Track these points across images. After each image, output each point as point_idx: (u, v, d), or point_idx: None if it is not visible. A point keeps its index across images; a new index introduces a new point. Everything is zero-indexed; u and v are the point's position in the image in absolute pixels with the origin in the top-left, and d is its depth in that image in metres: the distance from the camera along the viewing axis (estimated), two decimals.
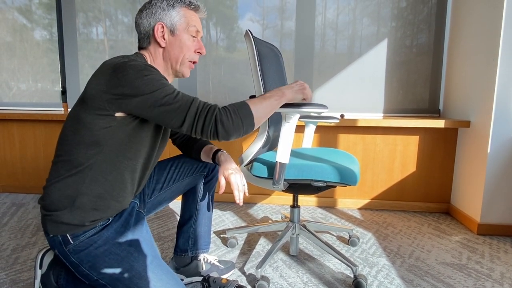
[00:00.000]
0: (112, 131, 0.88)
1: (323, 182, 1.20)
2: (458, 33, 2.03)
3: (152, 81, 0.85)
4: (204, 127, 0.87)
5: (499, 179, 1.72)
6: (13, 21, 2.47)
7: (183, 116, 0.86)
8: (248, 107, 0.92)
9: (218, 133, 0.88)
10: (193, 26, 1.01)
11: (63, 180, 0.90)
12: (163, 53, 1.01)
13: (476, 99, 1.82)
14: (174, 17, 0.99)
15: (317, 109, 1.09)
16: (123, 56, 0.91)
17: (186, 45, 1.00)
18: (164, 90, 0.86)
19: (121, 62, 0.86)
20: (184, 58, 1.01)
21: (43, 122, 2.37)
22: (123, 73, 0.83)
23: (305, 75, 2.28)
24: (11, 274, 1.32)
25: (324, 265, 1.43)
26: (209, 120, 0.87)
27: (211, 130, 0.87)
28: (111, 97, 0.84)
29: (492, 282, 1.31)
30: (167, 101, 0.85)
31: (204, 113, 0.87)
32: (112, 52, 2.43)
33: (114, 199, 0.94)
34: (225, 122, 0.87)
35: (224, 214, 2.03)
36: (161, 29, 0.98)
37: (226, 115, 0.88)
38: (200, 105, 0.88)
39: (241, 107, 0.91)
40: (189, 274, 1.28)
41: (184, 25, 1.00)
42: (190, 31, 1.01)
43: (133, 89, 0.83)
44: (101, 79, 0.86)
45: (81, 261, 0.90)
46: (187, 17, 1.00)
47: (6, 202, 2.21)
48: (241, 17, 2.32)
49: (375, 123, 1.99)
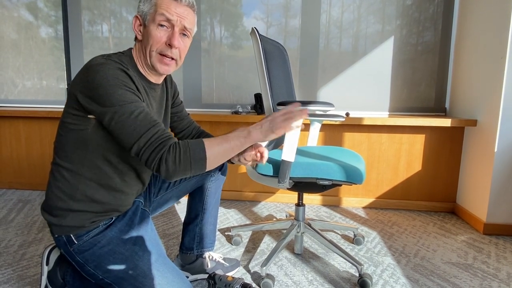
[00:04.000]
0: (91, 133, 0.87)
1: (329, 181, 1.20)
2: (465, 31, 2.00)
3: (115, 94, 0.81)
4: (148, 162, 0.82)
5: (506, 178, 1.70)
6: (18, 18, 2.48)
7: (132, 142, 0.82)
8: (203, 151, 0.84)
9: (160, 173, 0.82)
10: (161, 15, 0.90)
11: (57, 184, 0.90)
12: (141, 46, 0.95)
13: (483, 97, 1.80)
14: (146, 6, 0.92)
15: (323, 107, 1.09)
16: (106, 56, 0.88)
17: (152, 36, 0.91)
18: (124, 108, 0.81)
19: (95, 63, 0.83)
20: (151, 51, 0.92)
21: (49, 119, 2.38)
22: (92, 77, 0.81)
23: (309, 73, 2.27)
24: (18, 269, 1.33)
25: (329, 264, 1.42)
26: (154, 157, 0.81)
27: (154, 167, 0.82)
28: (82, 96, 0.83)
29: (499, 282, 1.30)
30: (123, 120, 0.81)
31: (152, 148, 0.82)
32: (116, 49, 2.43)
33: (110, 202, 0.94)
34: (170, 164, 0.81)
35: (229, 212, 2.04)
36: (136, 21, 0.95)
37: (174, 156, 0.81)
38: (153, 137, 0.82)
39: (195, 149, 0.84)
40: (194, 272, 1.28)
41: (153, 14, 0.91)
42: (157, 20, 0.90)
43: (96, 97, 0.81)
44: (77, 77, 0.85)
45: (86, 261, 0.90)
46: (157, 5, 0.91)
47: (12, 199, 2.23)
48: (245, 15, 2.31)
49: (380, 121, 1.98)
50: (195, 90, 2.38)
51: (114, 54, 0.92)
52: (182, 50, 0.96)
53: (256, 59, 1.27)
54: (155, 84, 1.01)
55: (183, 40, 0.96)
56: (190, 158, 0.83)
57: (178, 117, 1.22)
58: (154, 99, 1.02)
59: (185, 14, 0.93)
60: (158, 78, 1.01)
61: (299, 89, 2.30)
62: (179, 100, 1.22)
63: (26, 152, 2.44)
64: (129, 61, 0.94)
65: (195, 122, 1.28)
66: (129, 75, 0.86)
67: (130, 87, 0.85)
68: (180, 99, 1.24)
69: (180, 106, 1.22)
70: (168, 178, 0.84)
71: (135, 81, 0.88)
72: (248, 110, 2.22)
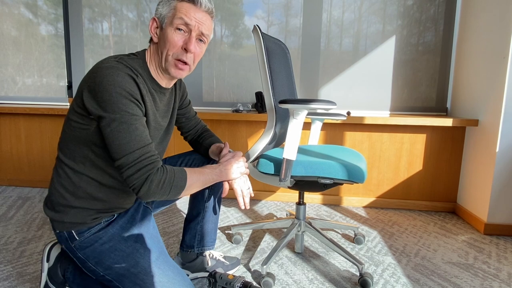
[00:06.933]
0: (93, 133, 0.86)
1: (330, 179, 1.19)
2: (467, 30, 2.00)
3: (118, 103, 0.80)
4: (131, 178, 0.82)
5: (507, 179, 1.70)
6: (19, 15, 2.47)
7: (121, 155, 0.82)
8: (185, 180, 0.88)
9: (140, 191, 0.82)
10: (179, 18, 0.89)
11: (60, 180, 0.90)
12: (156, 49, 0.94)
13: (485, 97, 1.80)
14: (165, 9, 0.92)
15: (325, 105, 1.08)
16: (119, 58, 0.88)
17: (169, 40, 0.90)
18: (123, 118, 0.81)
19: (105, 66, 0.83)
20: (168, 55, 0.91)
21: (50, 117, 2.37)
22: (100, 79, 0.81)
23: (310, 73, 2.27)
24: (18, 267, 1.33)
25: (329, 263, 1.42)
26: (139, 175, 0.82)
27: (134, 185, 0.82)
28: (86, 94, 0.83)
29: (500, 283, 1.30)
30: (119, 130, 0.81)
31: (139, 166, 0.82)
32: (117, 47, 2.43)
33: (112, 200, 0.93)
34: (153, 186, 0.82)
35: (229, 210, 2.03)
36: (153, 23, 0.93)
37: (159, 179, 0.83)
38: (143, 156, 0.82)
39: (178, 177, 0.87)
40: (194, 270, 1.28)
41: (171, 17, 0.90)
42: (175, 23, 0.89)
43: (100, 100, 0.81)
44: (87, 76, 0.85)
45: (87, 257, 0.90)
46: (176, 9, 0.90)
47: (12, 196, 2.22)
48: (246, 14, 2.30)
49: (382, 121, 1.97)
50: (196, 88, 2.38)
51: (127, 56, 0.91)
52: (197, 55, 0.95)
53: (258, 57, 1.26)
54: (165, 89, 1.00)
55: (199, 46, 0.95)
56: (173, 185, 0.86)
57: (186, 118, 1.23)
58: (162, 102, 1.02)
59: (204, 20, 0.92)
60: (169, 82, 1.00)
61: (300, 88, 2.29)
62: (187, 101, 1.22)
63: (26, 149, 2.43)
64: (141, 65, 0.93)
65: (202, 121, 1.30)
66: (137, 83, 0.85)
67: (136, 98, 0.84)
68: (189, 99, 1.24)
69: (188, 107, 1.23)
70: (144, 197, 0.84)
71: (142, 90, 0.87)
72: (249, 108, 2.21)
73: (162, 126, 1.03)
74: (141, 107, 0.87)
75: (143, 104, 0.88)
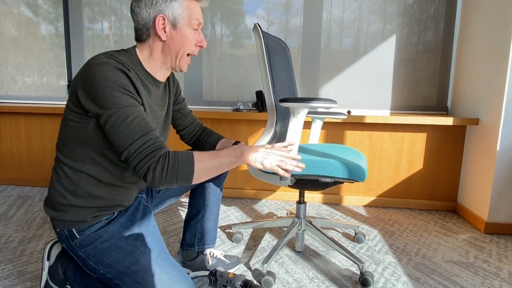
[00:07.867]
0: (91, 131, 0.86)
1: (331, 178, 1.19)
2: (467, 29, 2.00)
3: (111, 97, 0.81)
4: (136, 169, 0.83)
5: (507, 177, 1.70)
6: (19, 15, 2.47)
7: (124, 147, 0.82)
8: (191, 165, 0.85)
9: (146, 181, 0.83)
10: (195, 19, 0.95)
11: (59, 180, 0.90)
12: (163, 47, 0.94)
13: (486, 96, 1.80)
14: (177, 9, 0.91)
15: (326, 104, 1.08)
16: (109, 54, 0.87)
17: (188, 39, 0.94)
18: (119, 111, 0.81)
19: (96, 62, 0.83)
20: (184, 53, 0.96)
21: (50, 116, 2.38)
22: (92, 76, 0.81)
23: (311, 72, 2.27)
24: (18, 265, 1.33)
25: (330, 262, 1.42)
26: (142, 165, 0.82)
27: (141, 174, 0.83)
28: (81, 93, 0.83)
29: (500, 281, 1.30)
30: (117, 124, 0.81)
31: (141, 156, 0.82)
32: (117, 46, 2.42)
33: (112, 198, 0.93)
34: (157, 174, 0.82)
35: (229, 209, 2.03)
36: (162, 21, 0.91)
37: (162, 167, 0.82)
38: (145, 145, 0.82)
39: (184, 162, 0.84)
40: (195, 268, 1.28)
41: (187, 18, 0.93)
42: (193, 24, 0.95)
43: (94, 97, 0.81)
44: (78, 74, 0.85)
45: (88, 255, 0.90)
46: (189, 9, 0.93)
47: (12, 195, 2.22)
48: (246, 13, 2.30)
49: (382, 119, 1.97)
50: (196, 87, 2.38)
51: (117, 52, 0.91)
52: None
53: (258, 56, 1.26)
54: (159, 82, 1.00)
55: None
56: (178, 171, 0.84)
57: (182, 114, 1.22)
58: (157, 96, 1.01)
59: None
60: (165, 75, 1.01)
61: (300, 87, 2.29)
62: (181, 97, 1.21)
63: (26, 148, 2.43)
64: (132, 59, 0.92)
65: (198, 119, 1.28)
66: (129, 76, 0.85)
67: (128, 90, 0.84)
68: (183, 96, 1.23)
69: (182, 103, 1.22)
70: (153, 186, 0.85)
71: (135, 83, 0.87)
72: (249, 107, 2.21)
73: (159, 119, 1.03)
74: (136, 98, 0.86)
75: (138, 95, 0.88)
